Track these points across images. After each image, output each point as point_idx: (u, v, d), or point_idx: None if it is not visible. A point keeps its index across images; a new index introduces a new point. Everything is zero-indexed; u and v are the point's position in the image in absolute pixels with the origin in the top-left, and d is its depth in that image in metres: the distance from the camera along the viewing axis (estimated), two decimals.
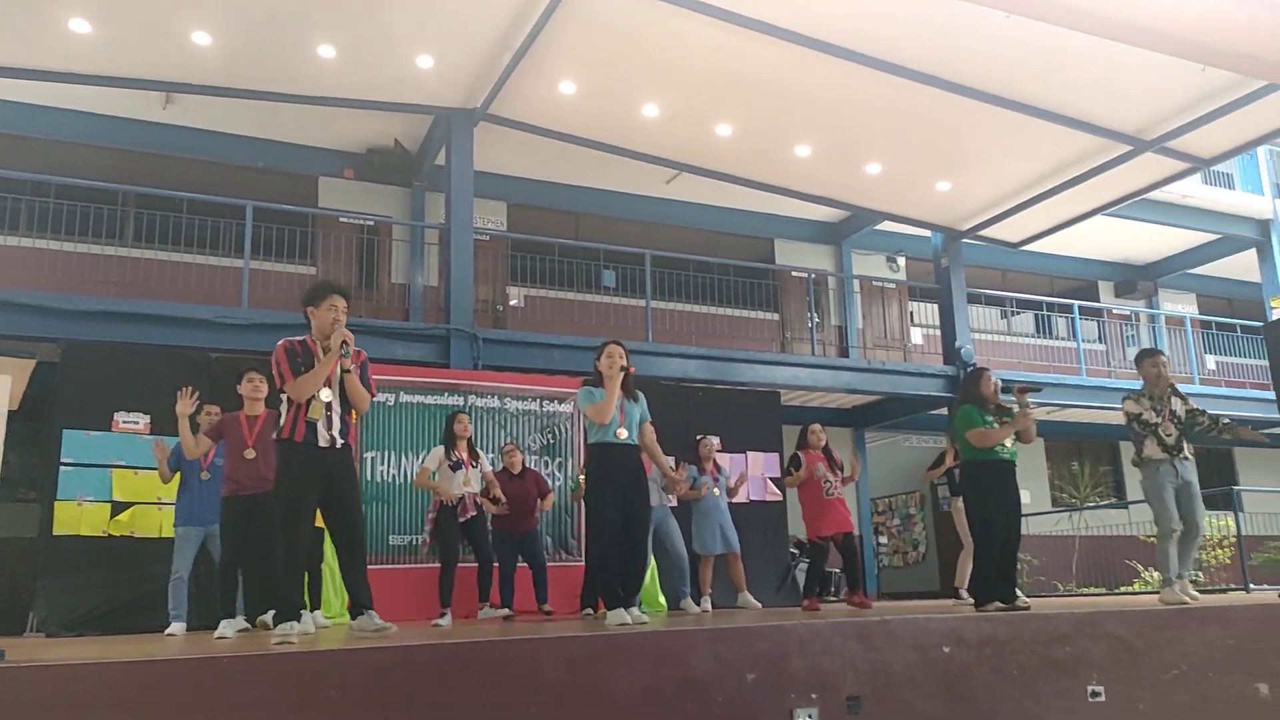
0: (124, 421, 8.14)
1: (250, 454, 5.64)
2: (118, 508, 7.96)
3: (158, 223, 10.21)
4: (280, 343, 4.59)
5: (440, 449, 7.34)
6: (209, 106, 10.55)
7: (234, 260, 10.18)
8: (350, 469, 4.72)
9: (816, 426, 7.79)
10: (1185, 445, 6.54)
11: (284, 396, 4.54)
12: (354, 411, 4.69)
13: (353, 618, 4.61)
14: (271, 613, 5.28)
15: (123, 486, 8.01)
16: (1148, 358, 6.73)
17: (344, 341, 4.50)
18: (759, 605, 8.23)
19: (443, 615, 6.98)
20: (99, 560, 7.74)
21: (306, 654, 3.59)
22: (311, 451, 4.48)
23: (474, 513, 7.20)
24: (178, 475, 6.53)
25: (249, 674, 3.38)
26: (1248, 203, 14.92)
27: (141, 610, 7.46)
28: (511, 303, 12.33)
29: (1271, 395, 7.72)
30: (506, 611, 7.46)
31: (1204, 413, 6.63)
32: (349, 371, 4.58)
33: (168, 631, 6.44)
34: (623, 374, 5.37)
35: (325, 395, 4.51)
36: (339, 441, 4.56)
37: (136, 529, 7.93)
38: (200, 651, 3.78)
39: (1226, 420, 6.69)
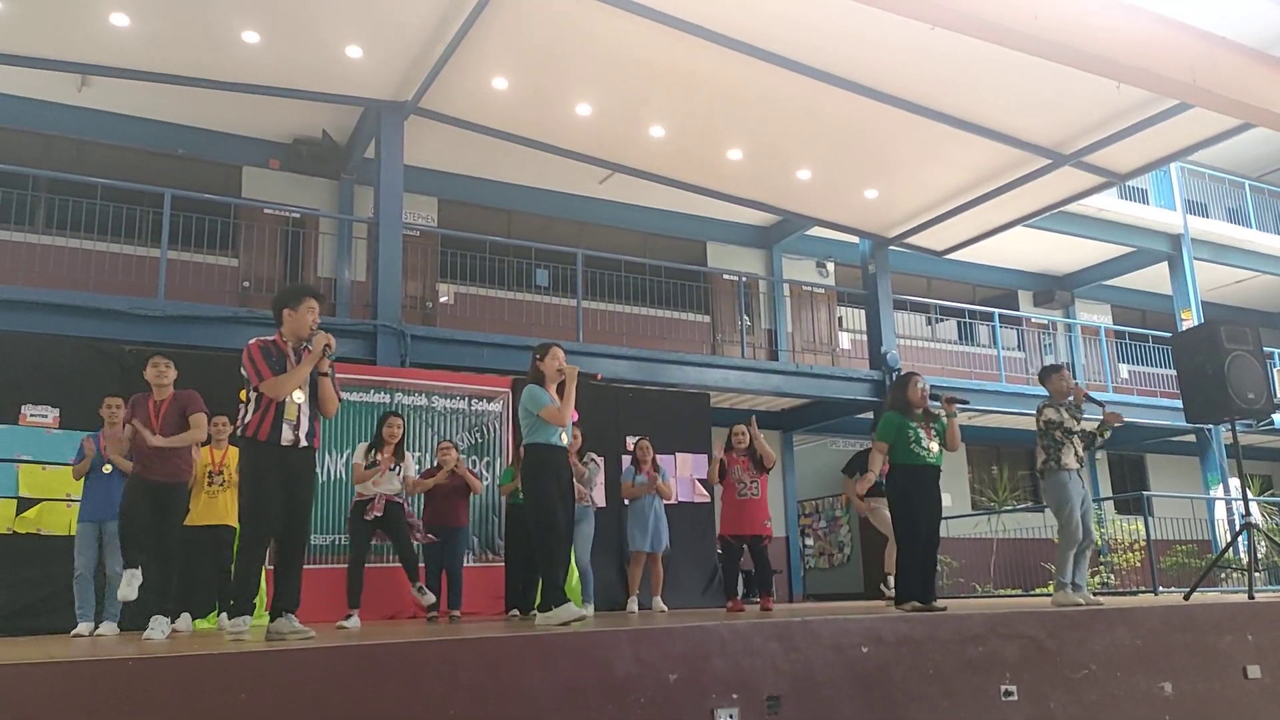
0: (31, 415, 7.82)
1: (157, 440, 5.49)
2: (24, 504, 7.63)
3: (70, 208, 9.86)
4: (253, 341, 4.62)
5: (363, 446, 7.24)
6: (127, 90, 10.22)
7: (151, 250, 9.88)
8: (311, 471, 4.74)
9: (739, 427, 7.85)
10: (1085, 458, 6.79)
11: (253, 396, 4.55)
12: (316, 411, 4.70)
13: (271, 619, 4.53)
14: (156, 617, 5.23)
15: (29, 482, 7.69)
16: (1055, 371, 6.95)
17: (326, 344, 4.58)
18: (665, 610, 8.22)
19: (348, 617, 6.79)
20: (3, 559, 7.42)
21: (216, 656, 3.49)
22: (275, 450, 4.49)
23: (379, 513, 7.01)
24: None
25: (155, 676, 3.27)
26: (1160, 217, 15.48)
27: (49, 611, 7.17)
28: (441, 300, 12.19)
29: (1179, 404, 8.00)
30: (433, 598, 7.31)
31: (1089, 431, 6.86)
32: (326, 375, 4.65)
33: (74, 632, 6.24)
34: (576, 379, 5.47)
35: (298, 397, 4.55)
36: (303, 442, 4.58)
37: (43, 526, 7.61)
38: (106, 653, 3.65)
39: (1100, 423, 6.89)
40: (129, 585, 5.41)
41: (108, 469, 6.34)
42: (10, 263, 9.33)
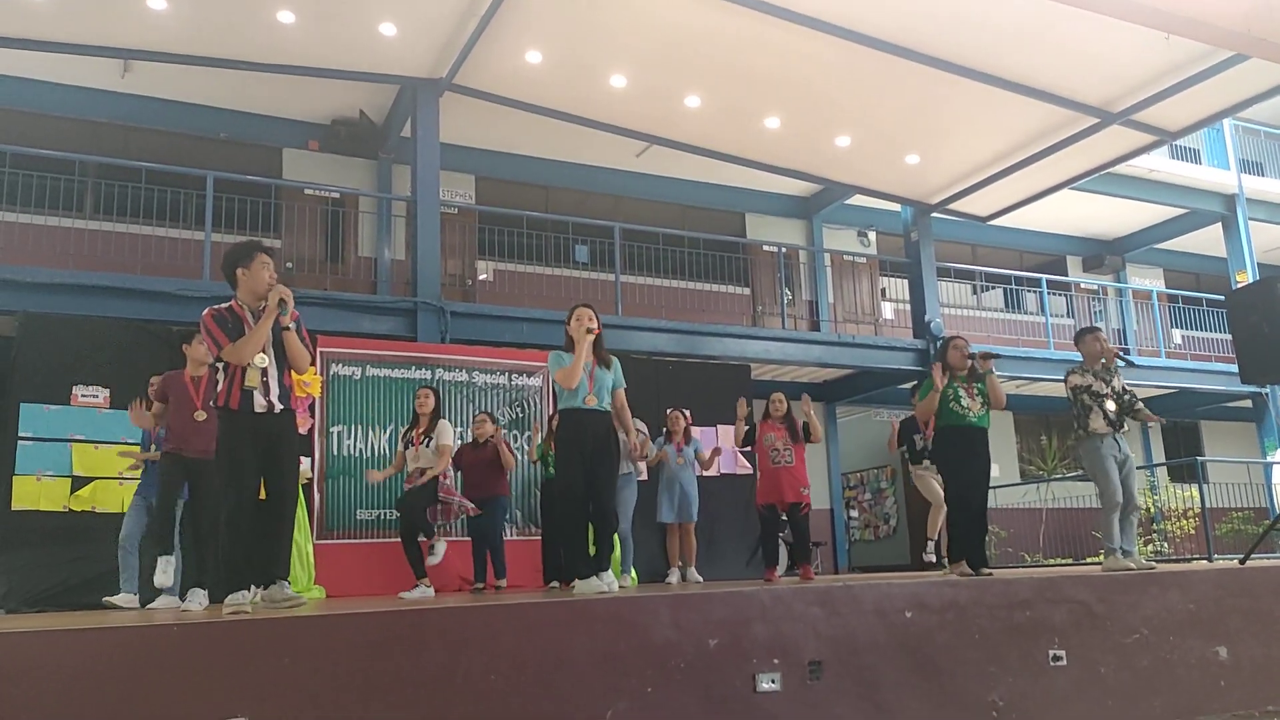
0: (83, 395, 8.00)
1: (201, 416, 5.56)
2: (78, 483, 7.83)
3: (116, 193, 10.02)
4: (206, 311, 4.49)
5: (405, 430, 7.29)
6: (169, 75, 10.34)
7: (195, 232, 10.03)
8: (291, 434, 4.60)
9: (778, 396, 7.80)
10: (1124, 420, 6.60)
11: (220, 365, 4.46)
12: (293, 372, 4.59)
13: (264, 587, 4.47)
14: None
15: (83, 461, 7.88)
16: (1089, 334, 6.81)
17: (281, 299, 4.42)
18: (700, 580, 8.17)
19: (414, 587, 6.86)
20: (60, 536, 7.62)
21: (258, 622, 3.54)
22: (249, 418, 4.39)
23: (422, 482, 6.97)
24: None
25: (200, 641, 3.33)
26: (1213, 177, 15.03)
27: (105, 587, 7.26)
28: (481, 277, 12.23)
29: (1235, 368, 7.77)
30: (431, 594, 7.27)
31: (1130, 392, 6.70)
32: (288, 329, 4.49)
33: (108, 599, 6.42)
34: (590, 336, 5.26)
35: (260, 361, 4.40)
36: (278, 406, 4.46)
37: (98, 504, 7.80)
38: (152, 620, 3.72)
39: (1139, 405, 6.73)
40: (164, 573, 5.47)
41: (152, 448, 6.46)
42: (60, 247, 9.51)
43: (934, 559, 8.49)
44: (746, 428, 7.70)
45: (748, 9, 8.51)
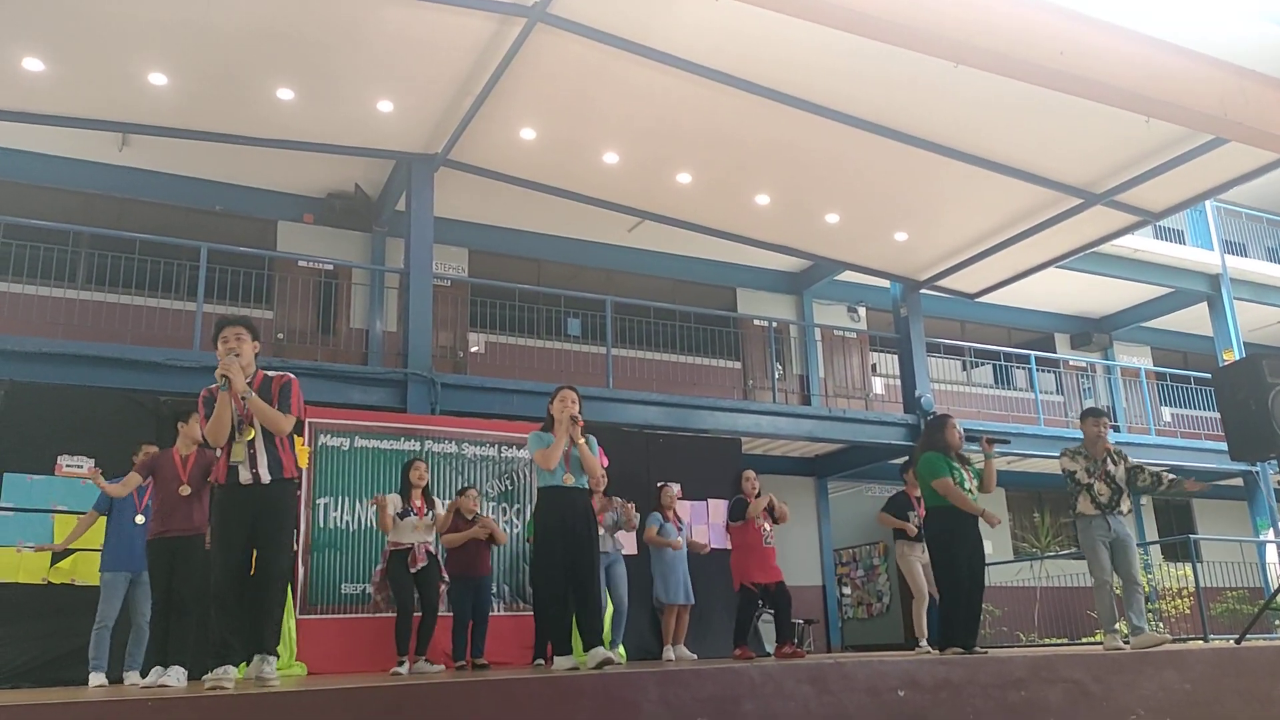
0: (67, 465, 7.89)
1: (185, 490, 5.50)
2: (59, 555, 7.68)
3: (109, 264, 10.07)
4: (201, 392, 4.52)
5: (396, 496, 7.22)
6: (166, 149, 10.47)
7: (188, 303, 10.05)
8: (278, 505, 4.50)
9: (750, 473, 7.74)
10: (1122, 502, 6.54)
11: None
12: (280, 439, 4.49)
13: (247, 660, 4.39)
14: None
15: (64, 532, 7.71)
16: (1090, 417, 6.72)
17: (224, 375, 4.32)
18: (693, 656, 8.10)
19: (400, 664, 6.79)
20: (38, 609, 7.45)
21: (235, 697, 3.45)
22: (235, 492, 4.41)
23: (424, 563, 7.00)
24: (103, 518, 6.48)
25: (174, 717, 3.24)
26: (1198, 257, 15.26)
27: (82, 661, 7.14)
28: (472, 349, 12.25)
29: (1224, 446, 7.77)
30: (441, 669, 7.21)
31: (1143, 470, 6.63)
32: (245, 397, 4.38)
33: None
34: (574, 424, 5.40)
35: (246, 434, 4.40)
36: (265, 477, 4.41)
37: (78, 576, 7.64)
38: (125, 695, 3.62)
39: (1171, 476, 6.67)
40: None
41: (140, 519, 6.36)
42: (50, 316, 9.52)
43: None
44: (748, 504, 7.61)
45: (738, 90, 8.71)
